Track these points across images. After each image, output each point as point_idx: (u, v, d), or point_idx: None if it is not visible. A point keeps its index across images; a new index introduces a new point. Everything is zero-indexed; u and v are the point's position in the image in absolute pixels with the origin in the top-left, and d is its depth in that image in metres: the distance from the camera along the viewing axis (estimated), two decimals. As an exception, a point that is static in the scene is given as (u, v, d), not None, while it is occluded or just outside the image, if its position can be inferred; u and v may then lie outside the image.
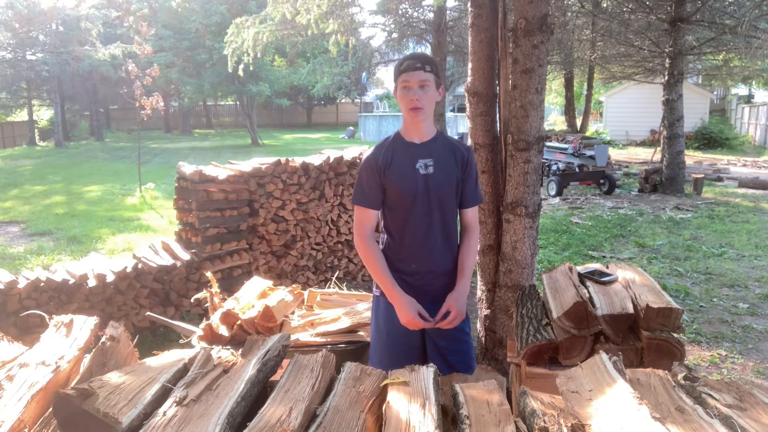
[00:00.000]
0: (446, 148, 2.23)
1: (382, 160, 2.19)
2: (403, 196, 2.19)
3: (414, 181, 2.17)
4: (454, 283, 2.25)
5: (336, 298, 3.08)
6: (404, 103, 2.14)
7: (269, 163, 4.81)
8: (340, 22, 9.10)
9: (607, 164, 11.74)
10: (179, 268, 4.44)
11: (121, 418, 1.28)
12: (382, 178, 2.19)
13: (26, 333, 3.75)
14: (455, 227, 2.30)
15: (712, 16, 10.19)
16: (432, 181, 2.18)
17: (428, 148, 2.20)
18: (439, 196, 2.20)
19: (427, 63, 2.13)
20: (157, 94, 11.32)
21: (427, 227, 2.21)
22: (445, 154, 2.21)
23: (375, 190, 2.21)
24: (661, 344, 1.94)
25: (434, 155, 2.19)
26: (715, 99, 26.86)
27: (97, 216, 9.12)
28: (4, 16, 22.03)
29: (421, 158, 2.19)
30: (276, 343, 1.73)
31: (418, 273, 2.24)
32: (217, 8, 22.83)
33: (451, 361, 2.26)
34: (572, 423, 1.19)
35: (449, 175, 2.20)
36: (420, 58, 2.14)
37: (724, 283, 5.54)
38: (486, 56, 3.12)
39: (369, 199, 2.22)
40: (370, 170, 2.20)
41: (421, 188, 2.18)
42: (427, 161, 2.18)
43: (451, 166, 2.21)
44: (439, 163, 2.19)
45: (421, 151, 2.19)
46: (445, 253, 2.26)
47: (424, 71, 2.10)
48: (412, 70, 2.11)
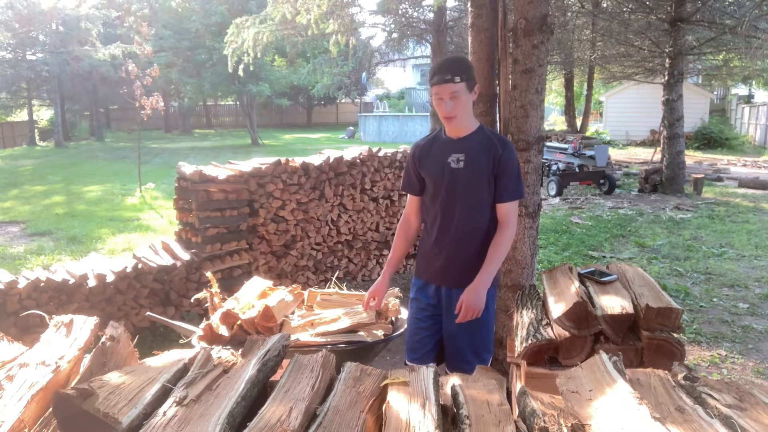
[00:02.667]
0: (482, 144, 2.31)
1: (419, 151, 2.43)
2: (432, 186, 2.38)
3: (442, 173, 2.33)
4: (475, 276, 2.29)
5: (336, 298, 3.08)
6: (439, 111, 2.28)
7: (269, 163, 4.81)
8: (340, 22, 9.10)
9: (607, 164, 11.74)
10: (179, 268, 4.44)
11: (121, 418, 1.28)
12: (417, 167, 2.42)
13: (26, 333, 3.75)
14: (485, 222, 2.35)
15: (712, 16, 10.19)
16: (461, 175, 2.30)
17: (463, 143, 2.32)
18: (466, 189, 2.31)
19: (458, 73, 2.18)
20: (157, 94, 11.32)
21: (450, 218, 2.35)
22: (478, 150, 2.30)
23: (413, 178, 2.47)
24: (661, 344, 1.94)
25: (467, 151, 2.31)
26: (715, 99, 26.85)
27: (97, 216, 9.12)
28: (4, 16, 22.01)
29: (455, 153, 2.32)
30: (276, 343, 1.73)
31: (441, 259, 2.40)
32: (217, 8, 22.83)
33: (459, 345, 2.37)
34: (572, 423, 1.19)
35: (479, 170, 2.29)
36: (450, 69, 2.19)
37: (724, 283, 5.55)
38: (486, 56, 3.13)
39: (407, 184, 2.50)
40: (410, 159, 2.47)
41: (449, 180, 2.32)
42: (459, 156, 2.31)
43: (482, 162, 2.29)
44: (470, 159, 2.30)
45: (456, 146, 2.32)
46: (469, 245, 2.35)
47: (455, 83, 2.17)
48: (443, 83, 2.19)
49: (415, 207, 2.52)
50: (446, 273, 2.40)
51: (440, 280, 2.43)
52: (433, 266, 2.43)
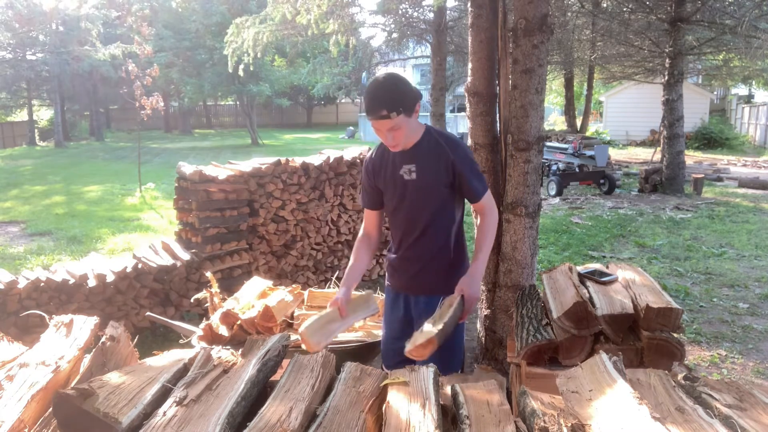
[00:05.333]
0: (431, 149, 2.22)
1: (372, 165, 2.35)
2: (390, 200, 2.33)
3: (396, 186, 2.27)
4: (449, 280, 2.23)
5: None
6: (381, 139, 2.19)
7: (269, 163, 4.81)
8: (341, 22, 9.10)
9: (607, 164, 11.73)
10: (179, 268, 4.44)
11: (121, 418, 1.28)
12: (374, 181, 2.35)
13: (26, 333, 3.75)
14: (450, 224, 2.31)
15: (712, 16, 10.19)
16: (415, 185, 2.24)
17: (411, 153, 2.23)
18: (423, 199, 2.25)
19: (393, 108, 2.04)
20: (157, 94, 11.32)
21: (414, 228, 2.30)
22: (429, 158, 2.22)
23: (370, 191, 2.38)
24: (661, 344, 1.94)
25: (417, 160, 2.23)
26: (715, 99, 26.85)
27: (97, 216, 9.11)
28: (4, 16, 22.02)
29: (405, 164, 2.24)
30: (276, 343, 1.74)
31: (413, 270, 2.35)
32: (217, 8, 22.83)
33: None
34: (572, 423, 1.19)
35: (433, 179, 2.22)
36: (384, 104, 2.04)
37: (724, 283, 5.54)
38: (486, 56, 3.12)
39: (367, 201, 2.41)
40: (366, 174, 2.38)
41: (405, 193, 2.26)
42: (411, 167, 2.23)
43: (435, 170, 2.22)
44: (421, 168, 2.22)
45: (406, 157, 2.24)
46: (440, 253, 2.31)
47: (391, 119, 2.05)
48: (378, 119, 2.06)
49: (375, 221, 2.44)
50: (418, 282, 2.34)
51: (412, 289, 2.37)
52: (404, 277, 2.39)
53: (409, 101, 2.10)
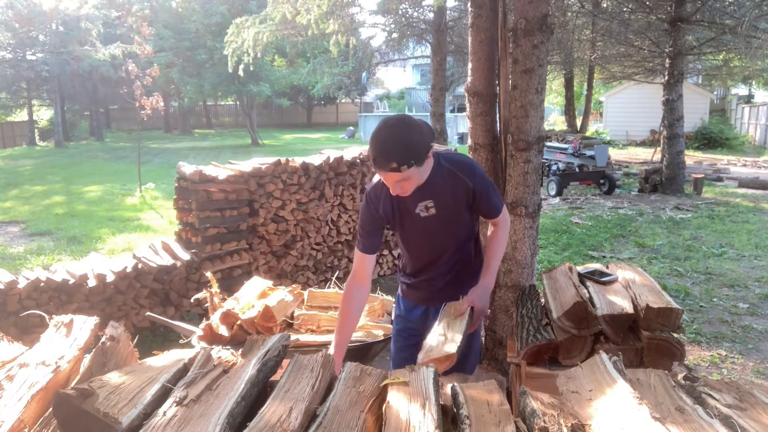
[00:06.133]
0: (446, 183, 2.08)
1: (383, 208, 2.12)
2: (404, 235, 2.21)
3: (414, 223, 2.13)
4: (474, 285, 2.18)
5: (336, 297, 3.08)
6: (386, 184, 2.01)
7: (269, 163, 4.81)
8: (341, 22, 9.11)
9: (607, 164, 11.74)
10: (179, 268, 4.44)
11: (121, 418, 1.27)
12: (383, 222, 2.16)
13: (26, 333, 3.75)
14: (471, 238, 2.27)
15: (712, 16, 10.19)
16: (434, 222, 2.12)
17: (426, 189, 2.06)
18: (445, 230, 2.16)
19: (404, 162, 1.86)
20: (157, 94, 11.32)
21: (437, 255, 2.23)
22: (445, 191, 2.08)
23: (373, 233, 2.16)
24: (661, 344, 1.94)
25: (435, 195, 2.08)
26: (715, 99, 26.85)
27: (97, 216, 9.11)
28: (4, 16, 22.03)
29: (421, 201, 2.08)
30: (276, 343, 1.73)
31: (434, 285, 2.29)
32: (217, 8, 22.84)
33: None
34: (572, 423, 1.19)
35: (453, 212, 2.12)
36: (393, 157, 1.85)
37: (724, 283, 5.54)
38: (486, 56, 3.12)
39: (368, 244, 2.15)
40: (371, 217, 2.14)
41: (424, 228, 2.14)
42: (427, 203, 2.08)
43: (454, 201, 2.11)
44: (440, 203, 2.09)
45: (420, 194, 2.06)
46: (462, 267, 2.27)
47: (401, 172, 1.88)
48: (387, 171, 1.89)
49: (369, 268, 2.19)
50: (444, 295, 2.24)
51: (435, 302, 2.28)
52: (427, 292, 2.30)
53: (422, 152, 1.91)
